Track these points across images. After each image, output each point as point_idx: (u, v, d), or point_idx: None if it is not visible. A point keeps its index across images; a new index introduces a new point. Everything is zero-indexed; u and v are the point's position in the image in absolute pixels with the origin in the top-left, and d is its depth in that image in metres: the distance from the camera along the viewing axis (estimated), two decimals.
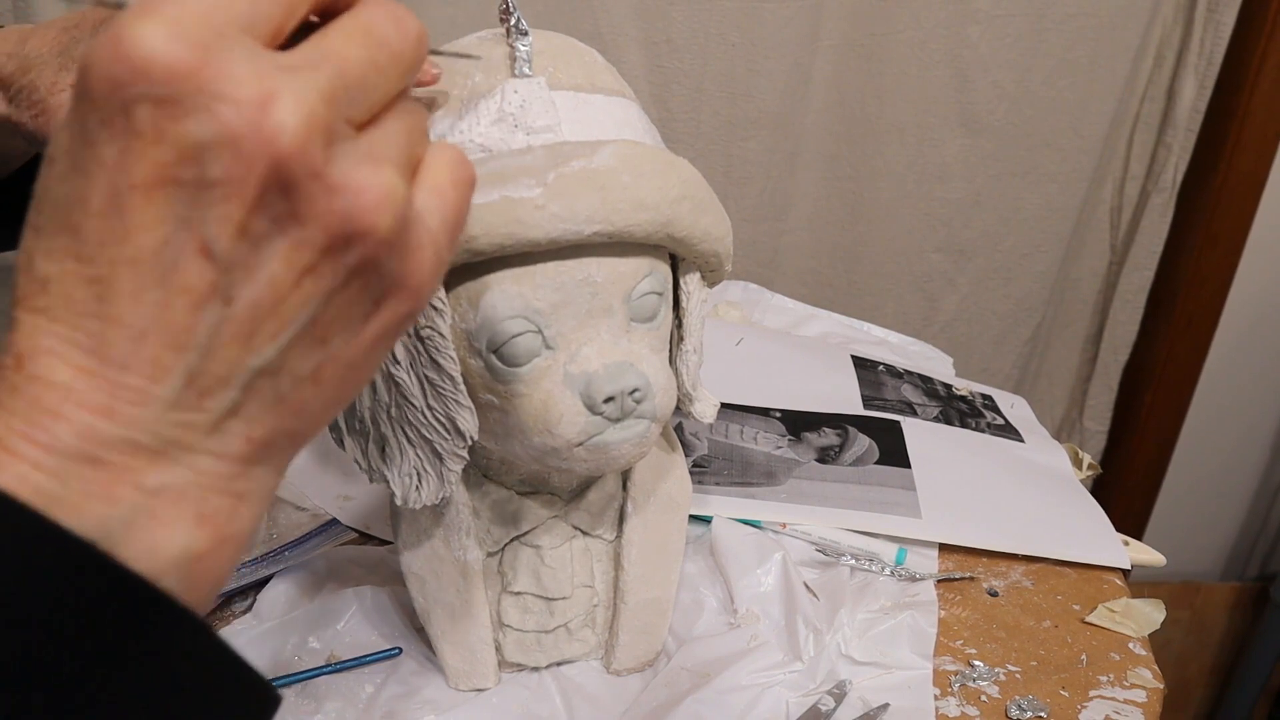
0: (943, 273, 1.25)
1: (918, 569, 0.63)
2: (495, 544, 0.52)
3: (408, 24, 0.27)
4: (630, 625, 0.54)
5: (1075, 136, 1.19)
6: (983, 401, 0.84)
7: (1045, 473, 0.75)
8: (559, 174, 0.40)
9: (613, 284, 0.43)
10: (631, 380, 0.43)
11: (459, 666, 0.54)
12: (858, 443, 0.74)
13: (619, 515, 0.54)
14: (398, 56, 0.27)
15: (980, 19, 1.10)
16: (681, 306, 0.49)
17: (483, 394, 0.45)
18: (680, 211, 0.43)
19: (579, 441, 0.43)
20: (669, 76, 1.07)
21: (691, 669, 0.54)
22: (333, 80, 0.25)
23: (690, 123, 1.10)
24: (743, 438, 0.73)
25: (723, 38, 1.06)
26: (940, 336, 1.25)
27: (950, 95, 1.14)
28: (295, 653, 0.56)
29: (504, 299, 0.42)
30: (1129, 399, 1.39)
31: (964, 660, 0.57)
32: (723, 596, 0.60)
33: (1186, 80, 1.19)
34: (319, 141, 0.24)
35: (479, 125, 0.43)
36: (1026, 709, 0.54)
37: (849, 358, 0.86)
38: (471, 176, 0.30)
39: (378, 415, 0.46)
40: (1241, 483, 1.52)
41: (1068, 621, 0.61)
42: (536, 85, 0.43)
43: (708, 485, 0.67)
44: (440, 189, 0.29)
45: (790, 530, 0.65)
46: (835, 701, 0.53)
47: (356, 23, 0.26)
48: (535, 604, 0.53)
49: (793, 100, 1.11)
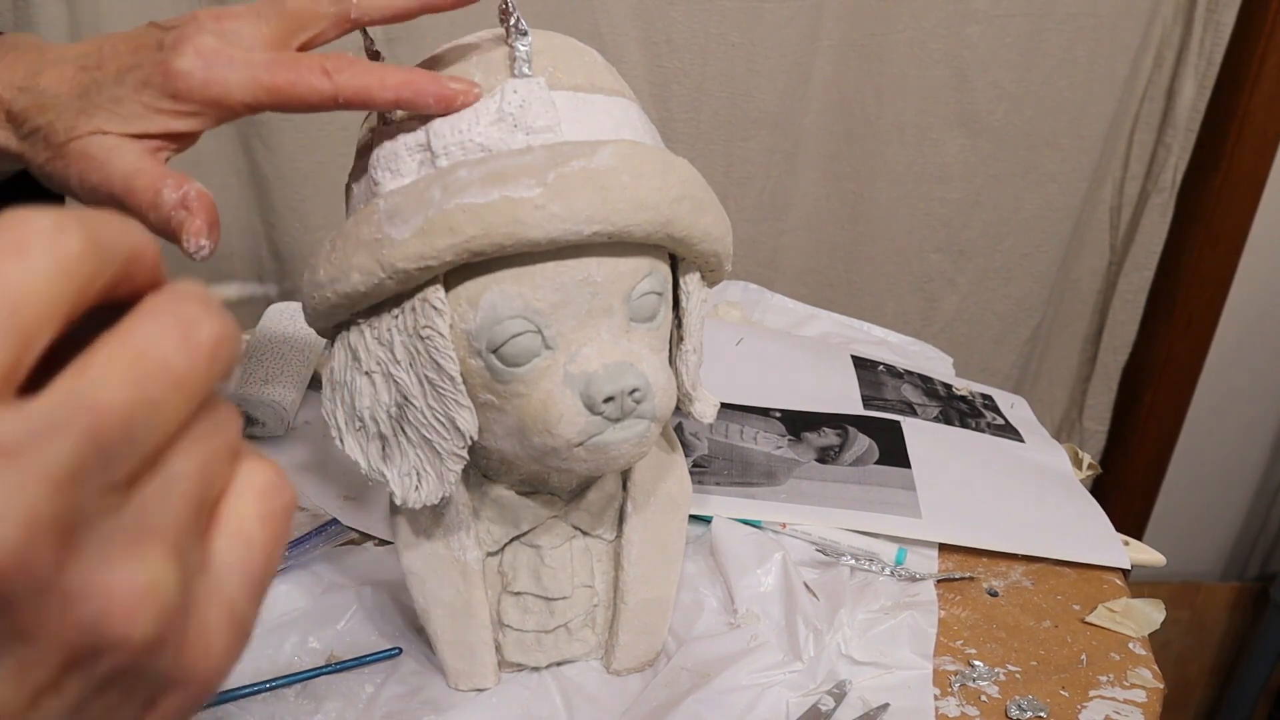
0: (942, 273, 1.25)
1: (918, 569, 0.63)
2: (495, 544, 0.52)
3: (199, 331, 0.21)
4: (630, 625, 0.54)
5: (1075, 136, 1.19)
6: (983, 401, 0.84)
7: (1045, 473, 0.75)
8: (559, 174, 0.40)
9: (612, 284, 0.43)
10: (631, 380, 0.43)
11: (459, 666, 0.54)
12: (858, 443, 0.74)
13: (619, 515, 0.54)
14: (183, 382, 0.21)
15: (980, 19, 1.10)
16: (681, 306, 0.49)
17: (483, 394, 0.45)
18: (680, 211, 0.43)
19: (579, 441, 0.43)
20: (669, 76, 1.07)
21: (691, 669, 0.54)
22: (78, 448, 0.19)
23: (690, 123, 1.10)
24: (743, 438, 0.73)
25: (723, 38, 1.06)
26: (940, 336, 1.25)
27: (950, 95, 1.14)
28: (295, 653, 0.56)
29: (504, 299, 0.42)
30: (1129, 399, 1.39)
31: (964, 660, 0.57)
32: (723, 596, 0.60)
33: (1186, 80, 1.19)
34: (47, 545, 0.19)
35: (479, 125, 0.43)
36: (1026, 709, 0.54)
37: (849, 358, 0.86)
38: (290, 503, 0.24)
39: (377, 415, 0.46)
40: (1241, 483, 1.52)
41: (1068, 621, 0.61)
42: (536, 85, 0.43)
43: (708, 485, 0.67)
44: (245, 533, 0.23)
45: (790, 530, 0.65)
46: (835, 701, 0.53)
47: (124, 349, 0.20)
48: (535, 604, 0.53)
49: (793, 100, 1.11)
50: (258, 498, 0.23)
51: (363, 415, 0.46)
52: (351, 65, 0.42)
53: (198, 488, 0.22)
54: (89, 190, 0.43)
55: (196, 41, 0.42)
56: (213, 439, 0.22)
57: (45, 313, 0.19)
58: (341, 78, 0.42)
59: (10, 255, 0.19)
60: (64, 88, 0.43)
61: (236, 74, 0.42)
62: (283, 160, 1.00)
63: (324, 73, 0.42)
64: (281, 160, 1.00)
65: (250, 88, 0.42)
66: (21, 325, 0.19)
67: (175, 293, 0.21)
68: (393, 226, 0.41)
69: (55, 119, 0.42)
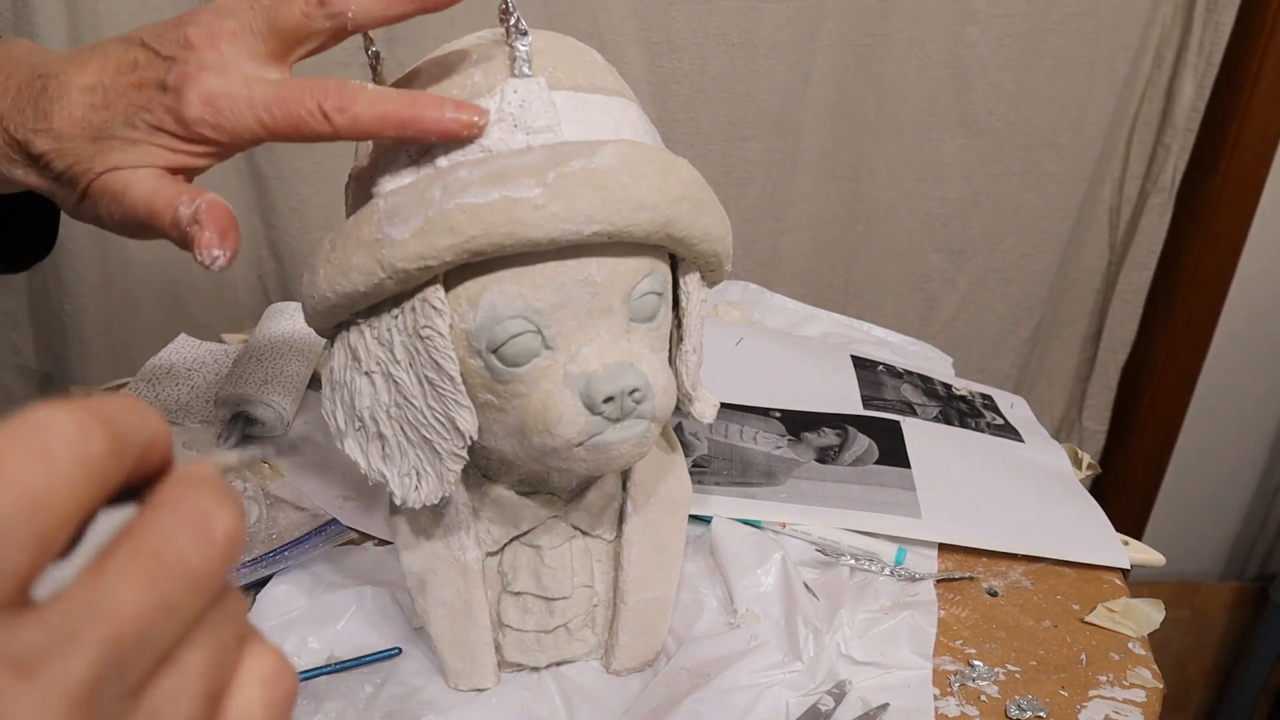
0: (942, 272, 1.26)
1: (917, 569, 0.63)
2: (495, 544, 0.52)
3: (215, 526, 0.21)
4: (630, 625, 0.54)
5: (1074, 136, 1.19)
6: (982, 401, 0.84)
7: (1045, 473, 0.75)
8: (559, 174, 0.40)
9: (612, 284, 0.43)
10: (631, 380, 0.43)
11: (459, 666, 0.54)
12: (857, 443, 0.74)
13: (619, 515, 0.54)
14: (199, 580, 0.21)
15: (980, 19, 1.10)
16: (681, 306, 0.49)
17: (482, 394, 0.45)
18: (680, 211, 0.43)
19: (579, 441, 0.43)
20: (669, 76, 1.07)
21: (691, 669, 0.54)
22: (97, 659, 0.19)
23: (690, 123, 1.10)
24: (743, 438, 0.73)
25: (723, 38, 1.06)
26: (939, 336, 1.25)
27: (949, 95, 1.14)
28: (295, 653, 0.56)
29: (504, 299, 0.42)
30: (1128, 399, 1.40)
31: (964, 660, 0.57)
32: (723, 596, 0.60)
33: (1186, 80, 1.19)
34: None
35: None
36: (1026, 709, 0.54)
37: (849, 358, 0.86)
38: (293, 690, 0.24)
39: (377, 415, 0.46)
40: (1241, 483, 1.52)
41: (1067, 621, 0.61)
42: (536, 85, 0.43)
43: (708, 485, 0.67)
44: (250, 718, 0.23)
45: (790, 530, 0.65)
46: (835, 701, 0.53)
47: (140, 551, 0.20)
48: (535, 604, 0.53)
49: (792, 100, 1.11)
50: (262, 686, 0.23)
51: (363, 415, 0.46)
52: (354, 103, 0.42)
53: (208, 682, 0.21)
54: (118, 225, 0.44)
55: (200, 87, 0.42)
56: (223, 629, 0.22)
57: (66, 516, 0.19)
58: (342, 119, 0.42)
59: (34, 459, 0.19)
60: (76, 130, 0.43)
61: (242, 118, 0.42)
62: (283, 160, 1.00)
63: (324, 116, 0.42)
64: (281, 160, 1.00)
65: (256, 130, 0.43)
66: (43, 530, 0.19)
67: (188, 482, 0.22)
68: (393, 226, 0.41)
69: (75, 164, 0.43)
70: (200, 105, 0.42)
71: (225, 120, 0.42)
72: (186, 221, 0.42)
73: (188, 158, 0.43)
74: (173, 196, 0.43)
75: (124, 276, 1.04)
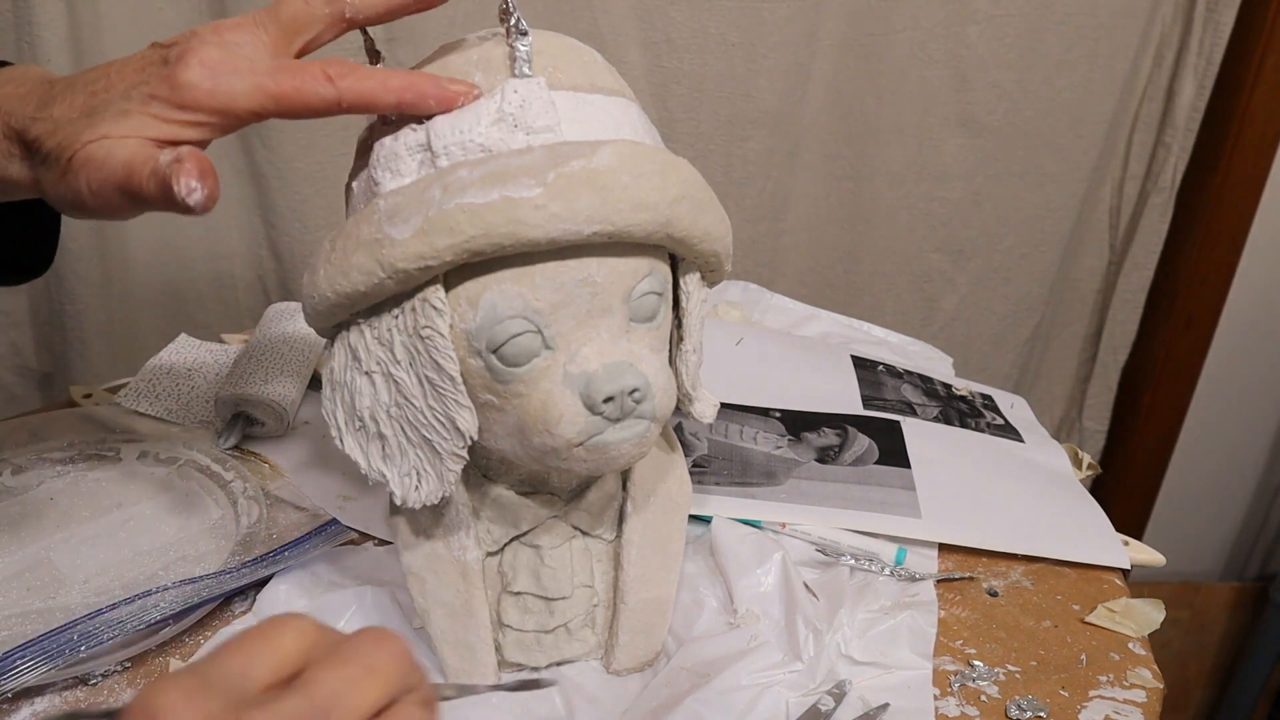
0: (942, 272, 1.26)
1: (917, 569, 0.63)
2: (495, 544, 0.52)
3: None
4: (630, 625, 0.54)
5: (1074, 136, 1.19)
6: (982, 401, 0.85)
7: (1045, 473, 0.75)
8: (559, 174, 0.40)
9: (612, 284, 0.43)
10: (631, 380, 0.43)
11: (459, 666, 0.53)
12: (857, 443, 0.74)
13: (619, 515, 0.54)
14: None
15: (979, 19, 1.10)
16: (681, 306, 0.49)
17: (482, 394, 0.45)
18: (680, 211, 0.43)
19: (579, 441, 0.43)
20: (669, 76, 1.07)
21: (691, 669, 0.54)
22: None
23: (690, 123, 1.10)
24: (743, 438, 0.73)
25: (723, 38, 1.06)
26: (939, 336, 1.25)
27: (949, 95, 1.14)
28: None
29: (504, 299, 0.42)
30: (1128, 399, 1.40)
31: (964, 660, 0.57)
32: (723, 596, 0.60)
33: (1186, 80, 1.19)
34: None
35: (479, 125, 0.43)
36: (1026, 709, 0.54)
37: (849, 358, 0.86)
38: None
39: (377, 415, 0.46)
40: (1241, 483, 1.52)
41: (1067, 621, 0.61)
42: (536, 85, 0.43)
43: (708, 485, 0.67)
44: None
45: (790, 530, 0.65)
46: (835, 701, 0.53)
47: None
48: (535, 604, 0.53)
49: (792, 100, 1.11)
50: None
51: (363, 415, 0.46)
52: (353, 71, 0.43)
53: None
54: (95, 193, 0.43)
55: (200, 54, 0.42)
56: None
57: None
58: (344, 83, 0.42)
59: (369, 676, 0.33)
60: (75, 113, 0.43)
61: (241, 83, 0.42)
62: (283, 160, 1.00)
63: (327, 79, 0.42)
64: (281, 160, 1.00)
65: (256, 96, 0.42)
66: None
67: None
68: (393, 226, 0.41)
69: (64, 140, 0.43)
70: (199, 68, 0.42)
71: (222, 84, 0.42)
72: (168, 163, 0.41)
73: (179, 128, 0.43)
74: (154, 152, 0.42)
75: (124, 276, 1.04)
